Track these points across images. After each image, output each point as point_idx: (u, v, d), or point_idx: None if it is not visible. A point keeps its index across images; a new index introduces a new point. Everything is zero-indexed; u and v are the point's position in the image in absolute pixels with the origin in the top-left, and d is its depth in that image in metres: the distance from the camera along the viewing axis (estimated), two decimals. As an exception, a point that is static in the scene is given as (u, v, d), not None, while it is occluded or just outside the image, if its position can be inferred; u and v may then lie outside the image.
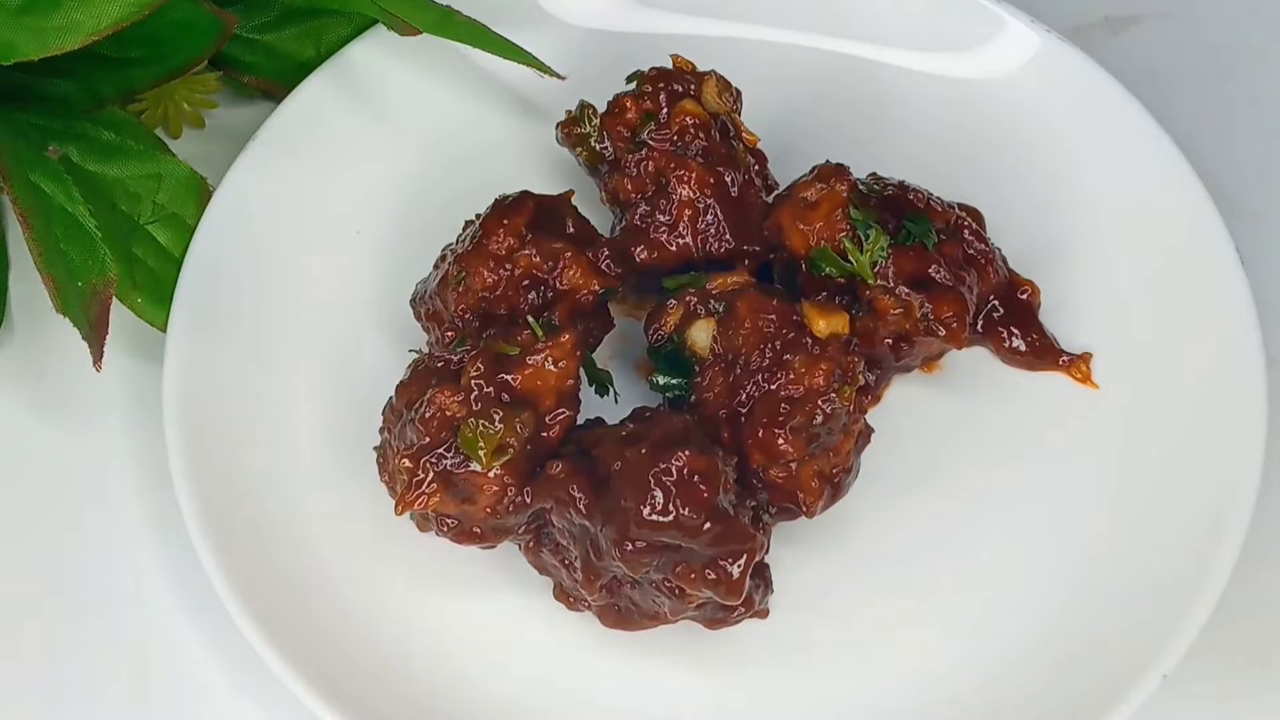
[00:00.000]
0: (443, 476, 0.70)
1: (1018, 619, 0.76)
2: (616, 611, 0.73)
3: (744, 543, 0.69)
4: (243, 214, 0.84)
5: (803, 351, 0.72)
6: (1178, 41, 0.99)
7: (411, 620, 0.76)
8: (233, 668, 0.77)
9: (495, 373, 0.70)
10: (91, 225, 0.80)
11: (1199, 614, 0.72)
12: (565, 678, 0.75)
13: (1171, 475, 0.78)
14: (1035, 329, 0.83)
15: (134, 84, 0.86)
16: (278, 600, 0.74)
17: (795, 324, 0.72)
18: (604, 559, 0.70)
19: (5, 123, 0.81)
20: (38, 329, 0.86)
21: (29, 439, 0.83)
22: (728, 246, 0.79)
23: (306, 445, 0.80)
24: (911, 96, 0.90)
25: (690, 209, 0.79)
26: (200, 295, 0.81)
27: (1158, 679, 0.71)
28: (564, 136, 0.84)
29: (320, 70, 0.88)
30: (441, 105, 0.90)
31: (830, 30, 0.92)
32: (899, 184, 0.80)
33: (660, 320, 0.76)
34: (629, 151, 0.81)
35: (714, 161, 0.80)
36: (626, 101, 0.81)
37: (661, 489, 0.68)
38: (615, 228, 0.82)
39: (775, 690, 0.75)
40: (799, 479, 0.72)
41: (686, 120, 0.80)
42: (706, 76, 0.82)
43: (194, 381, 0.79)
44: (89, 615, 0.79)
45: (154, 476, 0.81)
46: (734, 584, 0.69)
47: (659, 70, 0.82)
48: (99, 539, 0.80)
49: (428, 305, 0.78)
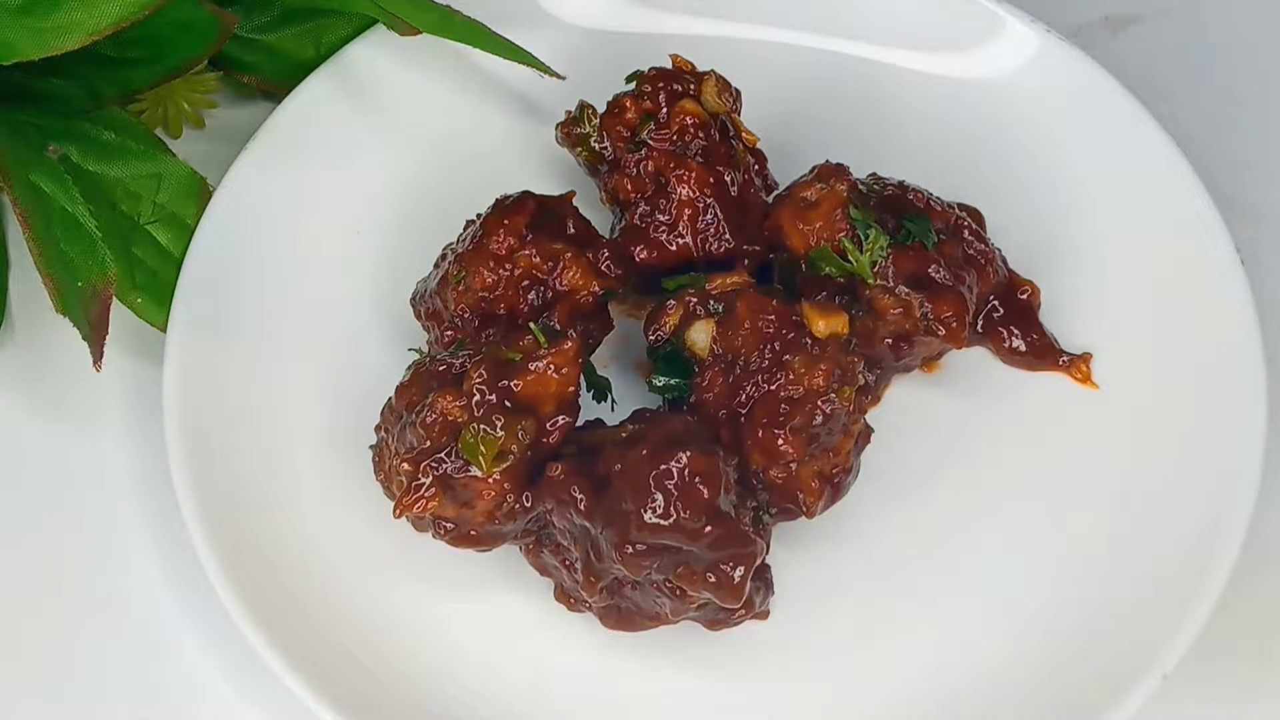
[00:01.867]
0: (442, 481, 0.70)
1: (1017, 619, 0.76)
2: (618, 612, 0.73)
3: (745, 546, 0.69)
4: (243, 214, 0.84)
5: (802, 352, 0.72)
6: (1178, 41, 0.99)
7: (411, 620, 0.76)
8: (232, 667, 0.77)
9: (498, 379, 0.70)
10: (91, 225, 0.80)
11: (1199, 614, 0.72)
12: (566, 679, 0.75)
13: (1171, 475, 0.78)
14: (1035, 329, 0.83)
15: (134, 84, 0.86)
16: (277, 600, 0.74)
17: (795, 324, 0.72)
18: (605, 561, 0.70)
19: (5, 123, 0.81)
20: (38, 329, 0.86)
21: (29, 439, 0.83)
22: (727, 246, 0.79)
23: (306, 445, 0.80)
24: (911, 96, 0.90)
25: (690, 209, 0.79)
26: (200, 295, 0.81)
27: (1158, 679, 0.71)
28: (564, 137, 0.84)
29: (320, 70, 0.88)
30: (441, 105, 0.90)
31: (830, 30, 0.92)
32: (899, 184, 0.80)
33: (660, 321, 0.76)
34: (629, 151, 0.81)
35: (714, 161, 0.80)
36: (626, 101, 0.81)
37: (662, 491, 0.68)
38: (615, 228, 0.82)
39: (776, 690, 0.75)
40: (799, 479, 0.72)
41: (686, 120, 0.80)
42: (706, 76, 0.82)
43: (194, 381, 0.79)
44: (89, 615, 0.79)
45: (154, 476, 0.81)
46: (735, 587, 0.69)
47: (658, 70, 0.82)
48: (99, 539, 0.80)
49: (428, 304, 0.78)
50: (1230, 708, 0.77)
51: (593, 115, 0.82)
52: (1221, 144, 0.93)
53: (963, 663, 0.75)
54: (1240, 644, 0.78)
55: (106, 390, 0.84)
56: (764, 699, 0.74)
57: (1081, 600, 0.76)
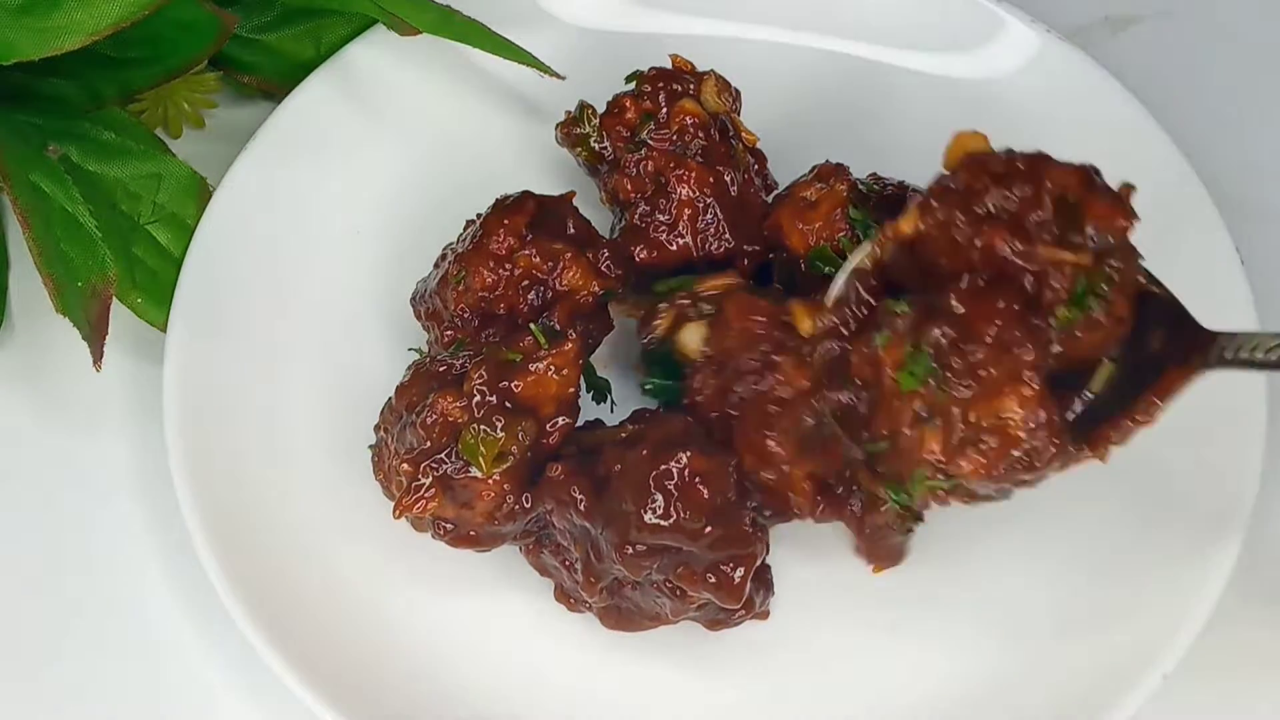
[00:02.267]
0: (442, 481, 0.70)
1: (1017, 619, 0.76)
2: (617, 612, 0.73)
3: (745, 547, 0.69)
4: (243, 214, 0.84)
5: (791, 353, 0.71)
6: (1178, 41, 0.99)
7: (412, 619, 0.76)
8: (233, 667, 0.77)
9: (498, 380, 0.70)
10: (91, 225, 0.80)
11: (1199, 614, 0.73)
12: (566, 679, 0.75)
13: (1171, 475, 0.78)
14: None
15: (134, 84, 0.86)
16: (278, 600, 0.74)
17: (784, 325, 0.72)
18: (605, 561, 0.70)
19: (5, 123, 0.81)
20: (38, 329, 0.86)
21: (28, 439, 0.83)
22: (727, 246, 0.79)
23: (306, 445, 0.80)
24: (911, 96, 0.90)
25: (690, 208, 0.79)
26: (200, 295, 0.81)
27: (1158, 679, 0.71)
28: (563, 137, 0.84)
29: (320, 70, 0.88)
30: (441, 105, 0.90)
31: (830, 30, 0.92)
32: (898, 184, 0.80)
33: (651, 325, 0.75)
34: (628, 151, 0.81)
35: (714, 161, 0.80)
36: (626, 101, 0.81)
37: (662, 492, 0.68)
38: (615, 228, 0.82)
39: (776, 690, 0.75)
40: (791, 481, 0.72)
41: (686, 120, 0.80)
42: (706, 76, 0.82)
43: (194, 381, 0.79)
44: (89, 615, 0.79)
45: (154, 476, 0.81)
46: (735, 588, 0.69)
47: (658, 70, 0.82)
48: (99, 539, 0.80)
49: (427, 304, 0.78)
50: (1230, 708, 0.77)
51: (592, 115, 0.82)
52: (1221, 144, 0.93)
53: (962, 662, 0.75)
54: (1240, 644, 0.78)
55: (106, 390, 0.84)
56: (764, 699, 0.74)
57: (1081, 600, 0.76)
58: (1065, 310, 0.64)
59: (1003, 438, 0.63)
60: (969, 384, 0.63)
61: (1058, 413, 0.64)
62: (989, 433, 0.63)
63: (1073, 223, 0.65)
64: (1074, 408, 0.67)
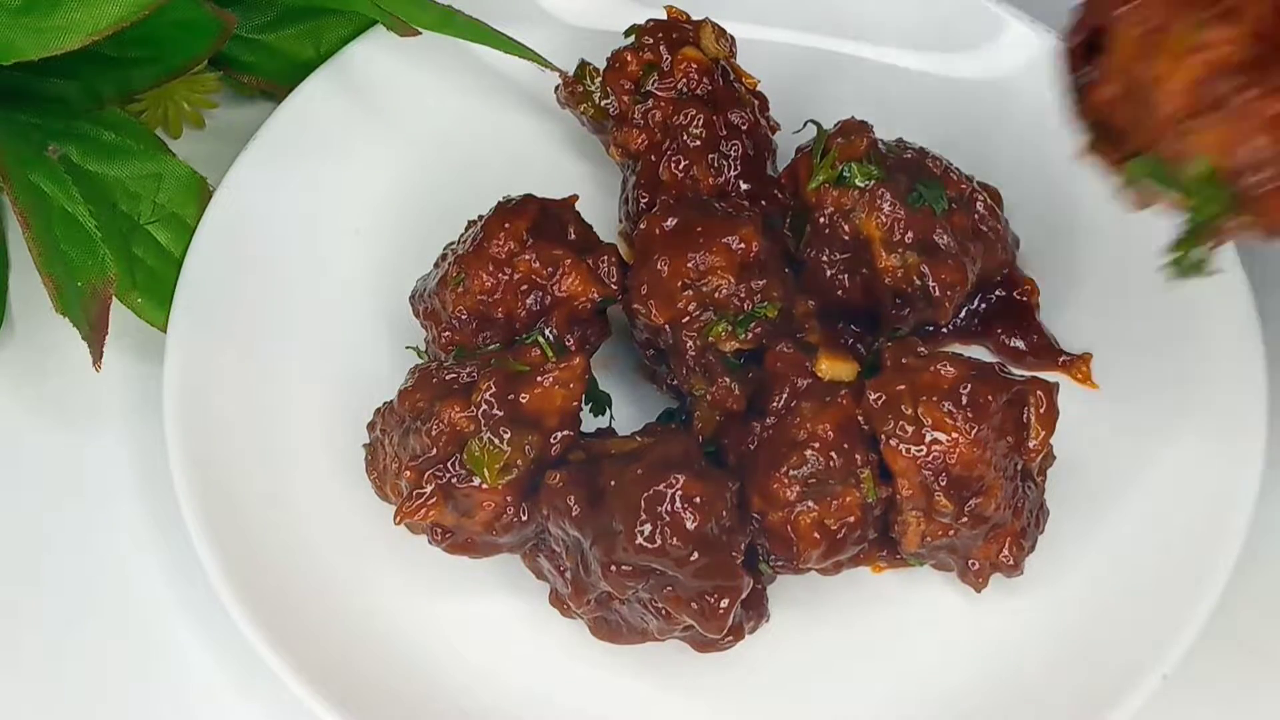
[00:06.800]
0: (444, 489, 0.70)
1: (1017, 619, 0.76)
2: (606, 624, 0.73)
3: (730, 579, 0.68)
4: (243, 214, 0.84)
5: (814, 399, 0.71)
6: (1178, 41, 0.99)
7: (412, 619, 0.76)
8: (232, 668, 0.77)
9: (506, 392, 0.70)
10: (91, 225, 0.80)
11: (1199, 614, 0.73)
12: (564, 681, 0.75)
13: (1172, 475, 0.78)
14: (1035, 329, 0.83)
15: (134, 84, 0.86)
16: (277, 600, 0.74)
17: (810, 371, 0.73)
18: (592, 575, 0.69)
19: (5, 123, 0.81)
20: (38, 329, 0.86)
21: (29, 439, 0.83)
22: (744, 186, 0.80)
23: (306, 444, 0.80)
24: (911, 96, 0.90)
25: (707, 148, 0.80)
26: (200, 295, 0.81)
27: (1158, 679, 0.71)
28: (567, 97, 0.84)
29: (320, 70, 0.88)
30: (442, 105, 0.90)
31: (830, 30, 0.92)
32: (919, 149, 0.80)
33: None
34: (635, 103, 0.81)
35: (721, 105, 0.81)
36: (627, 55, 0.82)
37: (651, 515, 0.67)
38: (627, 180, 0.83)
39: (768, 705, 0.74)
40: (797, 525, 0.71)
41: (690, 66, 0.81)
42: (702, 23, 0.83)
43: (194, 382, 0.79)
44: (89, 615, 0.79)
45: (154, 476, 0.81)
46: (718, 619, 0.68)
47: (656, 21, 0.83)
48: (99, 539, 0.80)
49: (426, 303, 0.78)
50: (1230, 707, 0.77)
51: (595, 73, 0.83)
52: (1221, 144, 0.93)
53: (962, 663, 0.75)
54: (1240, 643, 0.78)
55: (106, 390, 0.84)
56: (760, 709, 0.74)
57: (1081, 600, 0.76)
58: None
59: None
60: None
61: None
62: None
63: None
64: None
